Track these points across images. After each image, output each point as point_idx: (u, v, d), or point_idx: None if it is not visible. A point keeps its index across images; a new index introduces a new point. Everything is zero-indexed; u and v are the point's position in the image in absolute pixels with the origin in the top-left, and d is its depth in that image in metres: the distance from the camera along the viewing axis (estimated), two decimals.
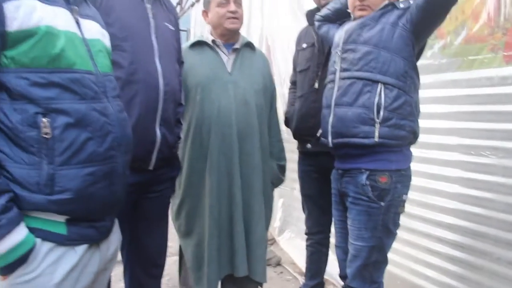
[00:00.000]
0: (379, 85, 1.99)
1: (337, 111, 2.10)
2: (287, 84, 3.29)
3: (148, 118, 1.89)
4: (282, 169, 2.71)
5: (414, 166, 2.34)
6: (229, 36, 2.48)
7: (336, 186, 2.27)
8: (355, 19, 2.22)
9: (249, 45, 2.56)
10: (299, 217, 4.06)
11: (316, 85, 2.60)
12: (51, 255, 1.26)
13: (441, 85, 2.73)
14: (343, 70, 2.11)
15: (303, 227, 3.11)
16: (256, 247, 2.44)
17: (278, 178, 2.69)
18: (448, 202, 2.69)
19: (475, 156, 2.52)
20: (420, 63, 2.33)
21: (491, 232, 2.42)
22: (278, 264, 4.10)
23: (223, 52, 2.47)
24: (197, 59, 2.43)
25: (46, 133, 1.21)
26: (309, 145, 2.70)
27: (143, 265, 2.16)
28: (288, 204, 4.69)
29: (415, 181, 2.66)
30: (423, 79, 2.40)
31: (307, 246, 2.99)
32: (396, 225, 2.12)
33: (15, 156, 1.20)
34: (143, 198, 2.03)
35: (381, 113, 1.99)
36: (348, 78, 2.08)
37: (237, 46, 2.48)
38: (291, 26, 4.18)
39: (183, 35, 8.84)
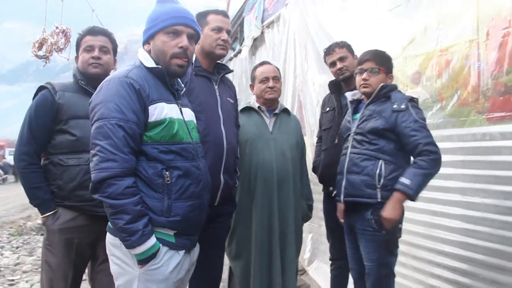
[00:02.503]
0: (380, 161, 2.72)
1: (349, 177, 2.82)
2: (316, 133, 4.02)
3: (215, 168, 2.63)
4: (310, 207, 3.43)
5: (419, 205, 3.02)
6: (269, 104, 3.25)
7: (347, 221, 2.95)
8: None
9: (285, 111, 3.35)
10: (325, 250, 4.69)
11: (336, 141, 3.31)
12: (167, 254, 2.02)
13: (440, 139, 3.33)
14: (353, 147, 2.85)
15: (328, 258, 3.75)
16: (289, 267, 3.14)
17: (306, 215, 3.41)
18: (448, 235, 3.30)
19: (465, 196, 3.15)
20: None
21: (484, 258, 2.99)
22: None
23: (266, 115, 3.24)
24: (246, 120, 3.19)
25: (167, 181, 1.98)
26: (331, 188, 3.37)
27: (205, 279, 2.84)
28: (316, 238, 5.35)
29: (420, 217, 3.35)
30: None
31: (331, 270, 3.64)
32: (396, 246, 2.80)
33: (149, 194, 1.98)
34: (208, 227, 2.73)
35: (382, 181, 2.70)
36: (357, 153, 2.81)
37: (276, 111, 3.26)
38: (318, 82, 4.95)
39: None
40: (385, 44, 3.93)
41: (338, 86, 3.40)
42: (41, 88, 2.77)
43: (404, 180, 2.64)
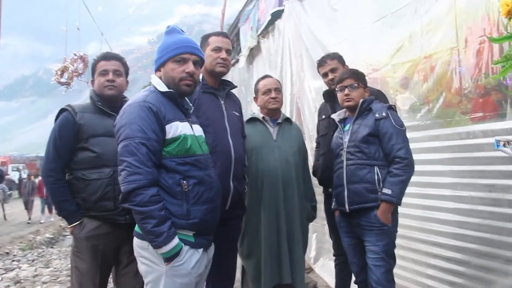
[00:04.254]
0: (375, 167, 3.02)
1: (350, 187, 3.10)
2: (314, 137, 4.30)
3: (225, 176, 2.91)
4: (314, 208, 3.72)
5: (412, 200, 3.32)
6: (273, 114, 3.55)
7: (347, 220, 3.24)
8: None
9: (287, 120, 3.63)
10: (330, 248, 4.93)
11: None
12: (188, 252, 2.32)
13: (428, 139, 3.66)
14: (348, 159, 3.12)
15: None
16: (296, 263, 3.42)
17: (311, 215, 3.70)
18: (440, 226, 3.58)
19: (455, 191, 3.42)
20: (411, 123, 3.45)
21: (475, 247, 3.25)
22: (315, 287, 4.99)
23: (270, 125, 3.53)
24: (252, 130, 3.47)
25: (185, 188, 2.28)
26: (330, 189, 3.63)
27: (222, 278, 3.11)
28: (320, 237, 5.63)
29: (413, 211, 3.63)
30: (415, 134, 3.48)
31: (335, 265, 3.91)
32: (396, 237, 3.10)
33: (171, 201, 2.28)
34: (221, 230, 2.94)
35: (381, 184, 2.99)
36: (353, 164, 3.09)
37: (279, 121, 3.55)
38: (315, 89, 5.24)
39: None
40: (375, 52, 4.27)
41: (332, 95, 3.66)
42: (62, 110, 3.05)
43: (386, 190, 2.95)
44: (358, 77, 3.24)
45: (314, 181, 3.87)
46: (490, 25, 3.06)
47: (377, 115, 3.05)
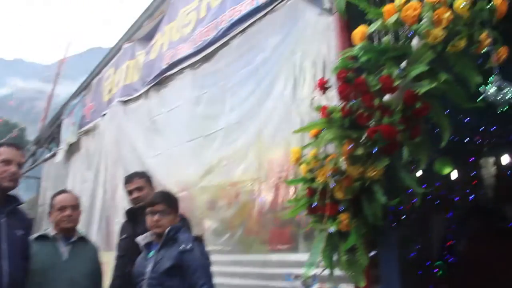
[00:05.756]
0: None
1: None
2: None
3: None
4: None
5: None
6: (66, 232, 3.23)
7: None
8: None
9: (82, 239, 3.34)
10: None
11: (128, 269, 3.37)
12: None
13: (231, 263, 3.68)
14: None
15: None
16: None
17: None
18: None
19: None
20: (215, 247, 3.53)
21: None
22: None
23: (61, 244, 3.19)
24: (39, 249, 3.10)
25: None
26: None
27: None
28: None
29: None
30: (219, 258, 3.45)
31: None
32: None
33: None
34: None
35: None
36: None
37: (73, 239, 3.23)
38: (126, 198, 5.04)
39: (35, 182, 9.49)
40: (186, 171, 4.30)
41: (135, 214, 3.53)
42: None
43: None
44: (170, 202, 3.13)
45: None
46: (288, 162, 3.29)
47: (182, 247, 2.94)
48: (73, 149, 7.88)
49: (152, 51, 5.46)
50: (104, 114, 6.46)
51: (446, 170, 5.81)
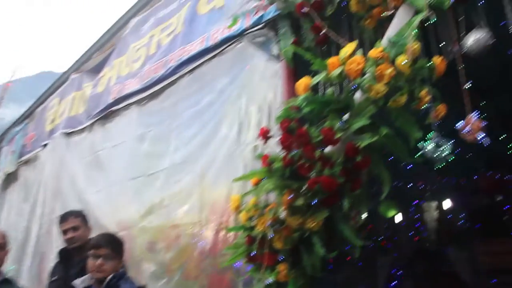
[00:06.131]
0: None
1: None
2: None
3: None
4: None
5: None
6: None
7: None
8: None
9: (7, 281, 3.11)
10: None
11: None
12: None
13: None
14: None
15: None
16: None
17: None
18: None
19: None
20: None
21: None
22: None
23: None
24: None
25: None
26: None
27: None
28: None
29: None
30: None
31: None
32: None
33: None
34: None
35: None
36: None
37: None
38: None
39: None
40: (127, 210, 4.15)
41: (68, 255, 3.36)
42: None
43: None
44: (116, 247, 2.95)
45: None
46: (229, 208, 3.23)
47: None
48: (10, 178, 7.52)
49: (99, 84, 5.34)
50: (45, 145, 6.21)
51: (390, 213, 5.95)
